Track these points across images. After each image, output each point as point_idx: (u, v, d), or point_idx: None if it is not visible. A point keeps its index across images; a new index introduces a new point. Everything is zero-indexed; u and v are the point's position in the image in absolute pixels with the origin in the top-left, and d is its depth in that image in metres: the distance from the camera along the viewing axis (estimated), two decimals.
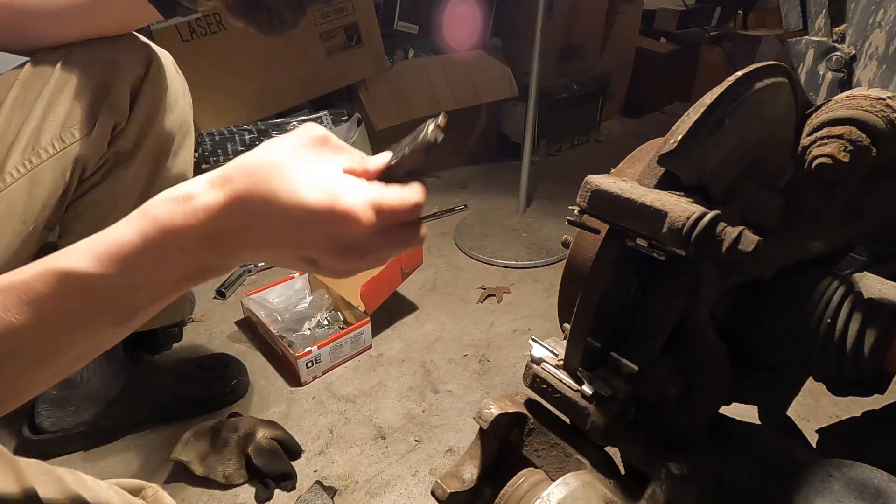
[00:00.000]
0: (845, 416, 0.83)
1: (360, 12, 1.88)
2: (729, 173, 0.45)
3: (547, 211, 2.03)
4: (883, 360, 0.46)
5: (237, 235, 0.40)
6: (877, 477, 0.41)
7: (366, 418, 1.15)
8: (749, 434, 0.53)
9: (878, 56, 0.52)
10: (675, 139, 0.40)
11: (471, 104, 2.27)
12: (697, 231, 0.36)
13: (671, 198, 0.39)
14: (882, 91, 0.43)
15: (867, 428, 0.59)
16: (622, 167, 0.52)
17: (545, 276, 1.66)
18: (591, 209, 0.43)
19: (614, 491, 0.48)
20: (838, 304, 0.48)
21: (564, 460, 0.52)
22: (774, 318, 0.50)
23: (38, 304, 0.38)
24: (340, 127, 1.87)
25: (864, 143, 0.41)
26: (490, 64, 2.30)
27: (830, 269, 0.51)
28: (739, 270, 0.47)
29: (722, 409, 0.54)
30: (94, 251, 0.39)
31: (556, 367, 0.51)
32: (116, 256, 0.39)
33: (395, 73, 2.07)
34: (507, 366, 1.31)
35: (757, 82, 0.42)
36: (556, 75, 2.49)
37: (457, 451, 1.07)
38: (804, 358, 0.49)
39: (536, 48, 1.73)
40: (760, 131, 0.45)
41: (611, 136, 2.88)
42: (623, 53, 2.92)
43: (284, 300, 1.40)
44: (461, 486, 0.56)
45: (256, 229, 0.40)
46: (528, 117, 1.87)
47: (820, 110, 0.45)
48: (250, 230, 0.40)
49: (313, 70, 1.86)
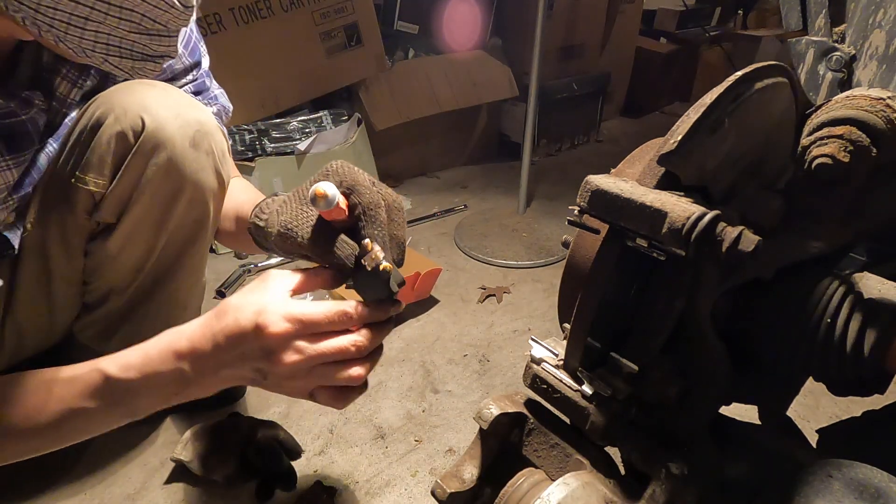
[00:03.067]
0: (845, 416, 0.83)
1: (360, 12, 1.88)
2: (729, 173, 0.45)
3: (547, 211, 2.03)
4: (883, 360, 0.46)
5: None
6: (877, 477, 0.41)
7: (366, 418, 1.15)
8: (749, 434, 0.53)
9: (878, 56, 0.52)
10: (675, 139, 0.40)
11: (471, 104, 2.27)
12: (697, 231, 0.36)
13: (671, 198, 0.39)
14: (882, 91, 0.43)
15: (867, 428, 0.59)
16: (622, 167, 0.52)
17: (545, 276, 1.66)
18: (591, 209, 0.43)
19: (614, 491, 0.48)
20: (838, 304, 0.48)
21: (564, 460, 0.52)
22: (774, 319, 0.50)
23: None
24: (340, 127, 1.87)
25: (864, 143, 0.41)
26: (490, 64, 2.30)
27: (830, 269, 0.51)
28: (739, 270, 0.47)
29: (722, 409, 0.54)
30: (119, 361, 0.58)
31: (556, 367, 0.51)
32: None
33: (395, 73, 2.07)
34: (507, 366, 1.31)
35: (757, 82, 0.42)
36: (556, 75, 2.49)
37: (457, 451, 1.07)
38: (804, 358, 0.49)
39: (536, 48, 1.73)
40: (760, 131, 0.45)
41: (611, 136, 2.88)
42: (623, 53, 2.92)
43: None
44: (461, 486, 0.55)
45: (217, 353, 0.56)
46: (528, 117, 1.87)
47: (820, 110, 0.45)
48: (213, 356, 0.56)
49: (313, 70, 1.86)
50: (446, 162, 2.41)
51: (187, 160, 0.80)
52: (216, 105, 0.95)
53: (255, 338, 0.54)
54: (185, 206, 0.83)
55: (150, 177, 0.79)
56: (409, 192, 2.19)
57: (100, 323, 0.90)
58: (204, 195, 0.84)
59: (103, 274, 0.86)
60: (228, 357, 0.56)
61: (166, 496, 0.97)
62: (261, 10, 1.71)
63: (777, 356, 0.50)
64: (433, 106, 2.16)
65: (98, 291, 0.88)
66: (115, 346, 0.91)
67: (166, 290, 0.90)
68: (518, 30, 2.32)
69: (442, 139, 2.34)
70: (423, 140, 2.29)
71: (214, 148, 0.83)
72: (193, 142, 0.80)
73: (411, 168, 2.32)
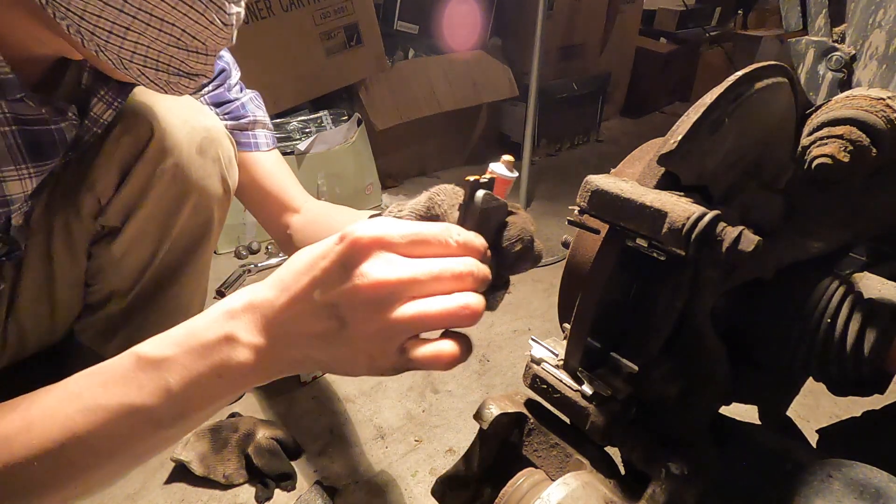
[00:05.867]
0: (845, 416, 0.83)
1: (360, 12, 1.88)
2: (729, 173, 0.45)
3: (547, 211, 2.03)
4: (883, 360, 0.46)
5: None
6: (877, 477, 0.41)
7: (366, 418, 1.15)
8: (749, 434, 0.53)
9: (878, 56, 0.52)
10: (675, 139, 0.40)
11: (471, 104, 2.27)
12: (697, 231, 0.36)
13: (671, 198, 0.39)
14: (882, 91, 0.43)
15: (867, 428, 0.59)
16: (622, 167, 0.52)
17: (545, 276, 1.66)
18: (591, 209, 0.43)
19: (614, 491, 0.48)
20: (838, 304, 0.48)
21: (564, 460, 0.52)
22: (774, 319, 0.50)
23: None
24: (340, 127, 1.87)
25: (864, 143, 0.41)
26: (490, 64, 2.30)
27: (830, 269, 0.51)
28: (740, 270, 0.47)
29: (722, 409, 0.54)
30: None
31: (556, 367, 0.51)
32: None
33: (395, 73, 2.07)
34: (507, 366, 1.31)
35: (757, 82, 0.42)
36: (556, 75, 2.49)
37: (457, 451, 1.07)
38: (804, 358, 0.49)
39: (536, 48, 1.73)
40: (760, 131, 0.45)
41: (611, 136, 2.88)
42: (623, 53, 2.92)
43: None
44: (461, 486, 0.55)
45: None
46: (528, 117, 1.87)
47: (820, 110, 0.45)
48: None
49: (313, 70, 1.86)
50: (446, 162, 2.41)
51: (193, 166, 0.81)
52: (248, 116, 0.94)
53: (333, 252, 0.39)
54: (189, 212, 0.84)
55: (156, 182, 0.80)
56: (409, 192, 2.19)
57: (100, 324, 0.90)
58: (209, 201, 0.85)
59: (106, 276, 0.86)
60: (298, 301, 0.40)
61: (166, 496, 0.97)
62: (261, 10, 1.71)
63: (777, 356, 0.50)
64: (433, 106, 2.16)
65: (100, 293, 0.88)
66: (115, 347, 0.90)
67: (168, 293, 0.90)
68: (518, 30, 2.32)
69: (442, 139, 2.34)
70: (423, 140, 2.29)
71: (221, 155, 0.84)
72: (200, 148, 0.81)
73: (411, 168, 2.32)
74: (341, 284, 0.38)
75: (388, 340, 0.39)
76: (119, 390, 0.42)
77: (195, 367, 0.41)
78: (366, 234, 0.38)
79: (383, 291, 0.38)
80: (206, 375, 0.41)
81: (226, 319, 0.42)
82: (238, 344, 0.41)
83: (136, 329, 0.90)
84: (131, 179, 0.79)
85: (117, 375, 0.43)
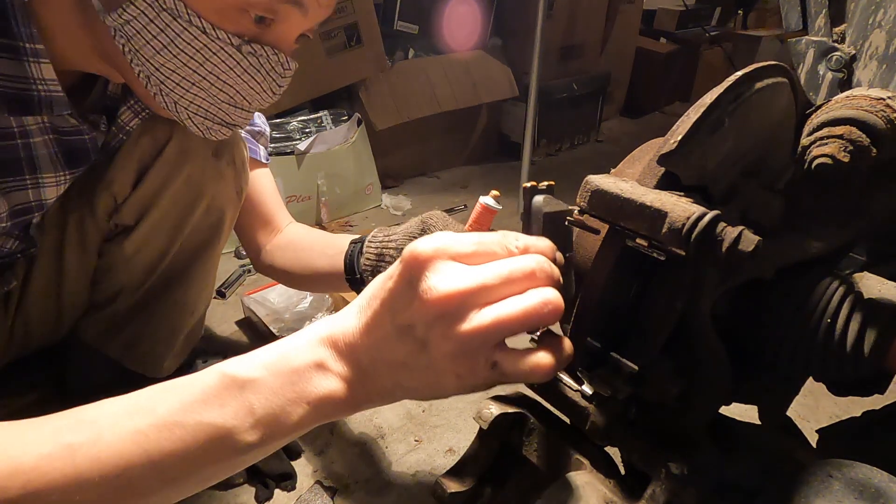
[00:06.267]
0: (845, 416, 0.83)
1: (360, 12, 1.88)
2: (729, 173, 0.45)
3: None
4: (883, 360, 0.46)
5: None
6: (877, 477, 0.41)
7: (366, 418, 1.15)
8: (749, 434, 0.53)
9: (878, 56, 0.52)
10: (675, 139, 0.40)
11: (471, 104, 2.27)
12: (697, 231, 0.36)
13: (671, 198, 0.39)
14: (882, 91, 0.43)
15: (867, 428, 0.59)
16: (622, 167, 0.52)
17: None
18: (590, 209, 0.43)
19: (614, 491, 0.48)
20: (838, 304, 0.48)
21: (564, 460, 0.52)
22: (774, 318, 0.50)
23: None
24: (340, 127, 1.87)
25: (864, 143, 0.41)
26: (490, 64, 2.30)
27: (830, 269, 0.51)
28: (739, 270, 0.47)
29: (722, 409, 0.54)
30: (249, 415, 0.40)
31: None
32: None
33: (395, 73, 2.07)
34: None
35: (757, 82, 0.42)
36: (556, 75, 2.49)
37: (457, 451, 1.07)
38: (804, 358, 0.49)
39: (536, 48, 1.73)
40: (760, 131, 0.45)
41: (611, 136, 2.88)
42: (623, 53, 2.93)
43: (285, 300, 1.40)
44: (461, 486, 0.56)
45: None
46: (528, 117, 1.87)
47: (820, 110, 0.45)
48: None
49: (313, 70, 1.86)
50: (446, 162, 2.41)
51: (209, 168, 0.83)
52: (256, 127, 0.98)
53: (397, 271, 0.38)
54: (202, 213, 0.85)
55: (172, 183, 0.81)
56: (409, 192, 2.19)
57: (105, 322, 0.90)
58: (222, 203, 0.87)
59: (115, 274, 0.87)
60: (375, 327, 0.39)
61: None
62: None
63: (777, 356, 0.50)
64: (433, 106, 2.16)
65: (108, 291, 0.88)
66: (118, 345, 0.90)
67: (175, 293, 0.91)
68: (518, 30, 2.32)
69: (442, 139, 2.34)
70: (423, 140, 2.29)
71: (236, 157, 0.86)
72: (216, 151, 0.83)
73: (411, 168, 2.32)
74: (411, 303, 0.37)
75: (472, 355, 0.37)
76: (199, 407, 0.39)
77: (283, 393, 0.40)
78: (426, 247, 0.37)
79: (454, 302, 0.36)
80: (293, 402, 0.40)
81: (317, 345, 0.41)
82: (329, 372, 0.40)
83: (140, 327, 0.90)
84: (148, 179, 0.81)
85: (197, 392, 0.40)
